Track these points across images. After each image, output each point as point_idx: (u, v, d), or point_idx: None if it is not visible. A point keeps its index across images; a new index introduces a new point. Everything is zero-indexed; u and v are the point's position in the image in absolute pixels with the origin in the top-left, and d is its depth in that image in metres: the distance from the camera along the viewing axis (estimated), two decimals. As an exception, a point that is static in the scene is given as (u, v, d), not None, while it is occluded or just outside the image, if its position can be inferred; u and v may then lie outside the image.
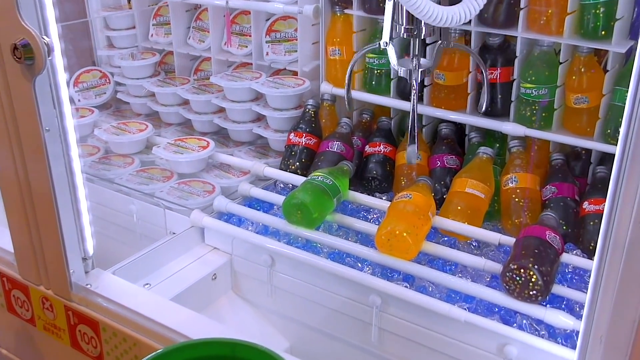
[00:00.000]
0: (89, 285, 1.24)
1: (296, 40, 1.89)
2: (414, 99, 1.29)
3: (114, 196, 1.70)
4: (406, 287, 1.27)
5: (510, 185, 1.45)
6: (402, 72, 1.31)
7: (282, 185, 1.67)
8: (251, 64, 1.99)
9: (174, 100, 2.05)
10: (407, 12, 1.22)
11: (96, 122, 2.01)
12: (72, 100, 2.15)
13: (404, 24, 1.26)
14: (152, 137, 1.90)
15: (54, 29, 1.08)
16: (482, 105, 1.37)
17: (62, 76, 1.12)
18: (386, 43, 1.27)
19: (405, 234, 1.27)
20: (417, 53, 1.29)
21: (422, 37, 1.27)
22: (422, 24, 1.25)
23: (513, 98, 1.53)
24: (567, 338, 1.15)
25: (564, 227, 1.36)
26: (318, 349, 1.45)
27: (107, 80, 2.23)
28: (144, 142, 1.89)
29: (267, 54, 1.94)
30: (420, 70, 1.30)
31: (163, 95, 2.06)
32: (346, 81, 1.41)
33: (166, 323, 1.15)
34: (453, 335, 1.23)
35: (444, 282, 1.26)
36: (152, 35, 2.22)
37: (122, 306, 1.20)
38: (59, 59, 1.10)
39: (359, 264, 1.35)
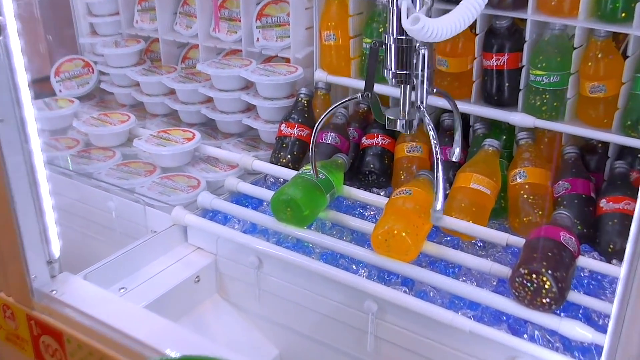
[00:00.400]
0: (53, 292, 1.15)
1: (288, 25, 1.80)
2: (436, 151, 1.10)
3: (93, 192, 1.62)
4: (405, 292, 1.21)
5: (519, 180, 1.38)
6: (399, 126, 1.18)
7: (272, 180, 1.60)
8: (241, 50, 1.91)
9: (160, 90, 1.97)
10: (397, 53, 1.07)
11: (77, 114, 1.91)
12: (52, 91, 2.05)
13: (393, 68, 1.10)
14: (135, 129, 1.81)
15: (8, 5, 0.98)
16: (456, 154, 1.26)
17: (18, 59, 1.01)
18: (368, 95, 1.14)
19: (404, 234, 1.20)
20: (419, 97, 1.14)
21: (422, 83, 1.10)
22: (418, 69, 1.08)
23: (522, 86, 1.45)
24: (584, 352, 1.07)
25: (579, 227, 1.28)
26: (309, 357, 1.39)
27: (90, 70, 2.13)
28: (125, 134, 1.80)
29: (258, 40, 1.85)
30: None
31: (148, 85, 1.97)
32: (311, 147, 1.25)
33: (137, 335, 1.06)
34: (456, 346, 1.15)
35: (446, 287, 1.19)
36: (136, 22, 2.12)
37: (87, 315, 1.10)
38: (14, 40, 0.99)
39: (354, 266, 1.29)
